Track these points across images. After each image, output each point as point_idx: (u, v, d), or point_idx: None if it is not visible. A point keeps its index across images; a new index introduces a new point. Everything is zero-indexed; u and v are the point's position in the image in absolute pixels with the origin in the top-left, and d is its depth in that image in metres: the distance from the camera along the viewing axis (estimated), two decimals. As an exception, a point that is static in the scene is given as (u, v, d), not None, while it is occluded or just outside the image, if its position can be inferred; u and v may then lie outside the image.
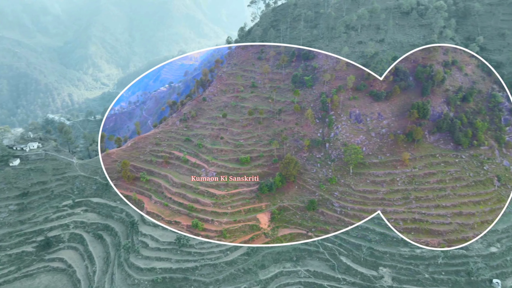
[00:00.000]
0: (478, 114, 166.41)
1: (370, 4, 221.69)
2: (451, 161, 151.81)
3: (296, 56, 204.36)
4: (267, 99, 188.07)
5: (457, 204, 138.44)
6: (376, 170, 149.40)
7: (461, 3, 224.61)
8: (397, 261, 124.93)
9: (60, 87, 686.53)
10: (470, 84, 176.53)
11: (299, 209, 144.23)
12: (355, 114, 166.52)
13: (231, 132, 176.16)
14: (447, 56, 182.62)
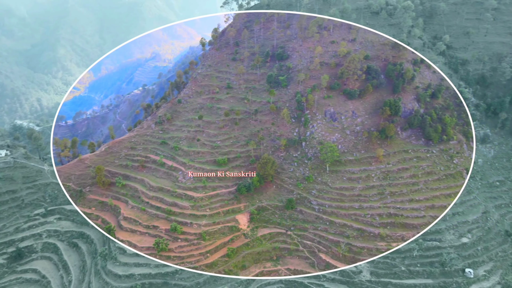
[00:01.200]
0: (447, 110, 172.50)
1: (341, 5, 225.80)
2: (422, 156, 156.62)
3: (271, 57, 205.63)
4: (243, 100, 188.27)
5: (429, 197, 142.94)
6: (352, 167, 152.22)
7: (427, 3, 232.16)
8: (374, 255, 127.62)
9: (28, 92, 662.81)
10: (438, 81, 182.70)
11: (277, 208, 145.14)
12: (330, 113, 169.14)
13: (207, 134, 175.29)
14: (415, 54, 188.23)
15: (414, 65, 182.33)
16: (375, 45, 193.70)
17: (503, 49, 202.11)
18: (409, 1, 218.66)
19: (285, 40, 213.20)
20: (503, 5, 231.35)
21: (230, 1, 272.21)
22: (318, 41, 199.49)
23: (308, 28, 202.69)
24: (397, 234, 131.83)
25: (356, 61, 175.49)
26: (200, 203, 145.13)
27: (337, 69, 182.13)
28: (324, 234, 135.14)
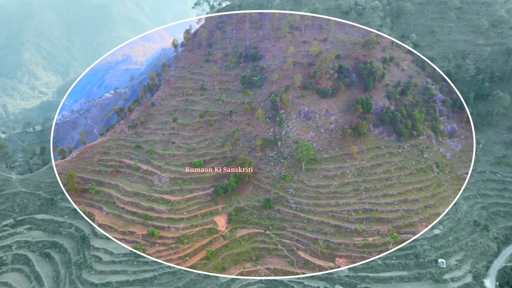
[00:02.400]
0: (416, 106, 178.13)
1: (311, 5, 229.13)
2: (395, 151, 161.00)
3: (244, 57, 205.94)
4: (217, 101, 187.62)
5: (402, 191, 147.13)
6: (327, 165, 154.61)
7: (394, 3, 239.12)
8: (351, 250, 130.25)
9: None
10: (407, 78, 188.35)
11: (255, 208, 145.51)
12: (304, 112, 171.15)
13: (182, 136, 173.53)
14: (385, 53, 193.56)
15: (384, 64, 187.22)
16: (346, 45, 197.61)
17: (467, 47, 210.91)
18: (377, 1, 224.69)
19: (258, 40, 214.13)
20: (466, 4, 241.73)
21: (201, 2, 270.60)
22: (290, 41, 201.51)
23: (280, 28, 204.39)
24: (372, 228, 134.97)
25: (328, 60, 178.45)
26: (177, 207, 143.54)
27: (310, 69, 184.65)
28: (302, 232, 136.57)
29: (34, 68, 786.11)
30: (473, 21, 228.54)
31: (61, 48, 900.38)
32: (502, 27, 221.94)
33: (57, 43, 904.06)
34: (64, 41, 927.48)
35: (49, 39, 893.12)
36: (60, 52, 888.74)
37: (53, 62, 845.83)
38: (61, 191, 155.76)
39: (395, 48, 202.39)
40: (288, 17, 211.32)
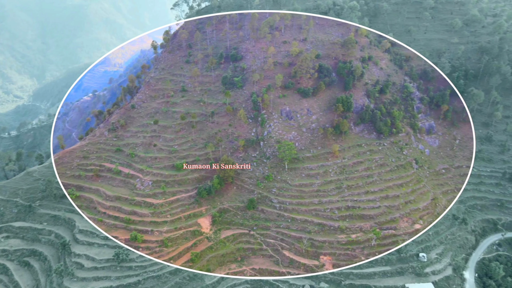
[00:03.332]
0: (394, 104, 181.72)
1: (291, 5, 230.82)
2: (375, 149, 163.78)
3: (224, 58, 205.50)
4: (198, 103, 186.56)
5: (383, 188, 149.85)
6: (309, 164, 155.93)
7: (371, 3, 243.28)
8: (335, 248, 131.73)
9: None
10: (385, 77, 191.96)
11: (239, 209, 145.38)
12: (285, 112, 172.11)
13: (164, 139, 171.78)
14: (363, 52, 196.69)
15: (363, 63, 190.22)
16: (325, 44, 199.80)
17: (442, 45, 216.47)
18: (354, 1, 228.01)
19: (238, 41, 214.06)
20: (440, 4, 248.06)
21: (180, 3, 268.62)
22: (270, 41, 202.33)
23: (260, 29, 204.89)
24: (355, 225, 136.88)
25: (308, 60, 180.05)
26: (160, 210, 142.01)
27: (290, 69, 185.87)
28: (286, 231, 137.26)
29: (8, 71, 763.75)
30: (447, 20, 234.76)
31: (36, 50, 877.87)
32: (475, 26, 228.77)
33: (32, 45, 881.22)
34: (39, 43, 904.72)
35: (23, 41, 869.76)
36: (35, 54, 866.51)
37: (28, 65, 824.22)
38: (40, 198, 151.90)
39: (373, 47, 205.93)
40: (267, 18, 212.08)
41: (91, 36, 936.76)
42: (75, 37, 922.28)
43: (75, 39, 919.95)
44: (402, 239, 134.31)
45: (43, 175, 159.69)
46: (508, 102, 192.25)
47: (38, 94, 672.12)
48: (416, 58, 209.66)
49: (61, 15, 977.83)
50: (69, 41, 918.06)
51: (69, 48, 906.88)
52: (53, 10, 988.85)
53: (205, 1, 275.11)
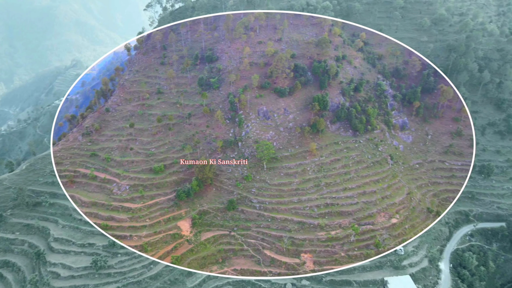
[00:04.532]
0: (369, 101, 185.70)
1: (265, 6, 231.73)
2: (351, 146, 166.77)
3: (200, 59, 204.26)
4: (175, 104, 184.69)
5: (361, 184, 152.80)
6: (288, 163, 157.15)
7: (344, 3, 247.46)
8: (316, 245, 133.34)
9: None
10: (359, 75, 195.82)
11: (219, 210, 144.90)
12: (263, 111, 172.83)
13: (140, 142, 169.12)
14: (337, 51, 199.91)
15: (337, 62, 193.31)
16: (300, 44, 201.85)
17: (412, 44, 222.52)
18: (327, 1, 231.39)
19: (213, 42, 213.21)
20: (409, 3, 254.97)
21: (153, 4, 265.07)
22: (245, 41, 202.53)
23: (235, 29, 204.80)
24: (334, 222, 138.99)
25: (283, 60, 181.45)
26: (139, 214, 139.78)
27: (266, 69, 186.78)
28: (267, 231, 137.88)
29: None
30: (417, 19, 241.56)
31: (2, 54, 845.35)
32: (443, 25, 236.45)
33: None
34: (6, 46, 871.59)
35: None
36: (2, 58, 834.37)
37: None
38: (11, 206, 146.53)
39: (346, 46, 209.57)
40: (242, 18, 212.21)
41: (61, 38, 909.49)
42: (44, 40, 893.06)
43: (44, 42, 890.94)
44: (380, 233, 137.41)
45: (13, 183, 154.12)
46: (476, 98, 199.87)
47: (6, 99, 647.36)
48: (388, 57, 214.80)
49: (28, 17, 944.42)
50: (38, 43, 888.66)
51: (38, 51, 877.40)
52: (20, 12, 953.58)
53: (178, 2, 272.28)
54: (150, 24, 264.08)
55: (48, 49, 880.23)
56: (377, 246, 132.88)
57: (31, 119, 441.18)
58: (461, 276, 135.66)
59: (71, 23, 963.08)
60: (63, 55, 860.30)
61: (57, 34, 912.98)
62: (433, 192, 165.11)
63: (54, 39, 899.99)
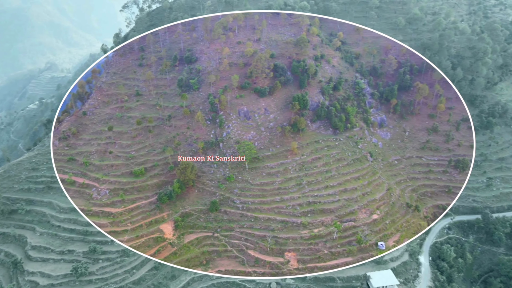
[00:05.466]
0: (348, 100, 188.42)
1: (243, 6, 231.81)
2: (332, 144, 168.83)
3: (179, 60, 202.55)
4: (154, 106, 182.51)
5: (342, 182, 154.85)
6: (269, 162, 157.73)
7: (321, 3, 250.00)
8: (299, 244, 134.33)
9: None
10: (338, 74, 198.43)
11: (202, 212, 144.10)
12: (243, 112, 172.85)
13: (120, 145, 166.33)
14: (316, 51, 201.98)
15: (316, 61, 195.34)
16: (279, 44, 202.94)
17: (388, 43, 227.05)
18: (305, 1, 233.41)
19: (192, 42, 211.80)
20: (384, 3, 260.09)
21: (130, 5, 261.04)
22: (224, 42, 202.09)
23: (213, 30, 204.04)
24: (317, 220, 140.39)
25: (263, 60, 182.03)
26: (120, 218, 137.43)
27: (246, 69, 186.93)
28: (250, 231, 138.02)
29: None
30: (392, 19, 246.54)
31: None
32: (417, 24, 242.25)
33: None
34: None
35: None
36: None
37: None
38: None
39: (324, 46, 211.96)
40: (220, 19, 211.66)
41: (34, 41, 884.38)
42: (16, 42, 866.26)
43: (16, 44, 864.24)
44: (362, 229, 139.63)
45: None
46: (450, 95, 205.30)
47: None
48: (366, 55, 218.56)
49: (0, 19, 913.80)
50: (10, 46, 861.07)
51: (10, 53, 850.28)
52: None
53: (155, 2, 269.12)
54: (127, 25, 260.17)
55: (21, 51, 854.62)
56: (359, 242, 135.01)
57: (4, 124, 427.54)
58: (440, 269, 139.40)
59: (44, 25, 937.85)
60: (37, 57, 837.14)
61: (30, 36, 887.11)
62: (411, 187, 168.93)
63: (27, 42, 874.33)
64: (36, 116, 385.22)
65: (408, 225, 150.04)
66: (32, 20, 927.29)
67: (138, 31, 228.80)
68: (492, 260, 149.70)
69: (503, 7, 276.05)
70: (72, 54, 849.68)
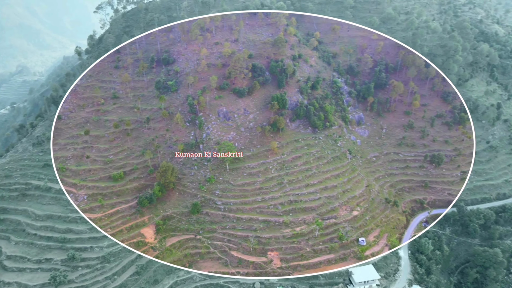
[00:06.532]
0: (326, 99, 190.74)
1: (220, 7, 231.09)
2: (311, 143, 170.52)
3: (156, 62, 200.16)
4: (132, 109, 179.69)
5: (322, 180, 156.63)
6: (250, 163, 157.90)
7: (297, 3, 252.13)
8: (282, 243, 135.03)
9: None
10: (316, 73, 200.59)
11: (183, 214, 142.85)
12: (223, 113, 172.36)
13: (97, 149, 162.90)
14: (293, 50, 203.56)
15: (294, 61, 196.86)
16: (256, 44, 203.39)
17: (363, 42, 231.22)
18: (281, 1, 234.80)
19: (169, 44, 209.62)
20: (359, 3, 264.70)
21: (104, 6, 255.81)
22: (202, 43, 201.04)
23: (190, 31, 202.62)
24: (299, 219, 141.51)
25: (241, 60, 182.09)
26: (99, 224, 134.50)
27: (224, 70, 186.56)
28: (233, 232, 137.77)
29: None
30: (366, 18, 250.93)
31: None
32: (391, 23, 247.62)
33: None
34: None
35: None
36: None
37: None
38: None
39: (302, 45, 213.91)
40: (197, 19, 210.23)
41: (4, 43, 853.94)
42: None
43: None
44: (343, 226, 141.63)
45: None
46: (424, 92, 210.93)
47: None
48: (342, 54, 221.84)
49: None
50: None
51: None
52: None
53: (131, 3, 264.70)
54: (101, 27, 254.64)
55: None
56: (340, 239, 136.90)
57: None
58: (419, 261, 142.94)
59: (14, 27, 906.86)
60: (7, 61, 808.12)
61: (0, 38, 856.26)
62: (390, 183, 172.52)
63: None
64: (8, 122, 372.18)
65: (387, 220, 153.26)
66: (2, 23, 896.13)
67: (113, 32, 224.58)
68: (468, 251, 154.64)
69: (472, 6, 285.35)
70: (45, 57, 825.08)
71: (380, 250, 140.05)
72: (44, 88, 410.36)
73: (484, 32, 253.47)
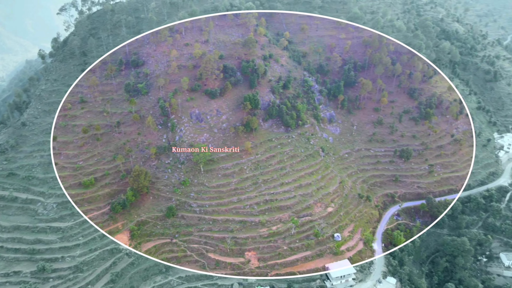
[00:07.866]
0: (297, 98, 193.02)
1: (189, 7, 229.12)
2: (285, 142, 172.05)
3: (125, 64, 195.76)
4: (101, 113, 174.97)
5: (296, 178, 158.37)
6: (224, 164, 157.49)
7: (266, 3, 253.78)
8: (259, 242, 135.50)
9: None
10: (287, 73, 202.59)
11: (158, 219, 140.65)
12: (195, 114, 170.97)
13: (66, 155, 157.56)
14: (264, 50, 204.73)
15: (265, 61, 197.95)
16: (227, 45, 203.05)
17: (332, 41, 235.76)
18: (250, 2, 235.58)
19: (138, 46, 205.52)
20: (326, 3, 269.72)
21: (68, 8, 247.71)
22: (172, 44, 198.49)
23: (159, 32, 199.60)
24: (275, 218, 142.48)
25: (212, 61, 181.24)
26: (70, 233, 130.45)
27: (195, 71, 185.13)
28: (209, 234, 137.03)
29: None
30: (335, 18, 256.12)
31: None
32: (358, 22, 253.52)
33: None
34: None
35: None
36: None
37: None
38: None
39: (272, 45, 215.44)
40: (166, 20, 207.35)
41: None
42: None
43: None
44: (318, 223, 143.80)
45: None
46: (391, 89, 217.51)
47: None
48: (312, 54, 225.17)
49: None
50: None
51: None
52: None
53: (96, 5, 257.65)
54: (65, 29, 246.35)
55: None
56: (316, 235, 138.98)
57: None
58: (392, 254, 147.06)
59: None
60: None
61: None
62: (362, 179, 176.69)
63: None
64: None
65: (361, 215, 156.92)
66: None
67: (78, 34, 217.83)
68: (437, 241, 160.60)
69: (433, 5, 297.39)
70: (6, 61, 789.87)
71: (355, 244, 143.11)
72: (6, 94, 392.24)
73: (445, 30, 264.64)
